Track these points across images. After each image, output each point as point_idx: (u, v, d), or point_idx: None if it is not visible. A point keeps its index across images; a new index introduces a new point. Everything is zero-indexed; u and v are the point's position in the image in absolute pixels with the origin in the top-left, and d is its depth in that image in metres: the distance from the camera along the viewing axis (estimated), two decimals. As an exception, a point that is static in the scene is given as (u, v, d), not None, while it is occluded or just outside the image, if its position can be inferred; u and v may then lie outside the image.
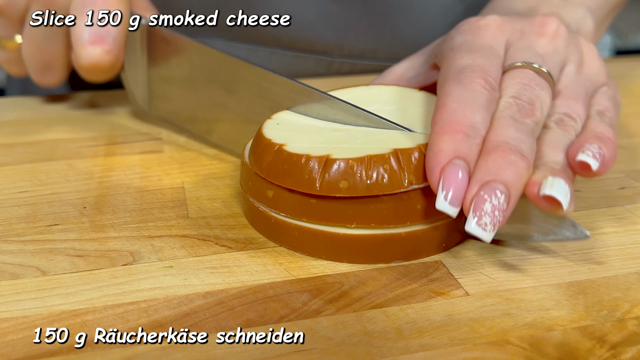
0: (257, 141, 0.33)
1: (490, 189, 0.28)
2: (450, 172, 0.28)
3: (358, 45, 0.57)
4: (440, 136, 0.29)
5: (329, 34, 0.56)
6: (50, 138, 0.45)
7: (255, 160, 0.32)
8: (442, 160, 0.29)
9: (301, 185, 0.30)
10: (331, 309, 0.28)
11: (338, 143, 0.32)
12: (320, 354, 0.25)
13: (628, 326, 0.27)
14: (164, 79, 0.43)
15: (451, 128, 0.29)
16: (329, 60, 0.58)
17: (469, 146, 0.29)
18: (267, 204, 0.32)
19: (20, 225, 0.34)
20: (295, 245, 0.32)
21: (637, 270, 0.31)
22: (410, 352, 0.26)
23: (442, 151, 0.29)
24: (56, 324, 0.27)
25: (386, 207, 0.30)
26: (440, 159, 0.29)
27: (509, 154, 0.29)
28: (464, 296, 0.29)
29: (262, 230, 0.33)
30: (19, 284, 0.30)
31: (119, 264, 0.31)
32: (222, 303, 0.28)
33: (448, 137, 0.29)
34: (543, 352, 0.26)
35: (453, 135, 0.29)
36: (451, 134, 0.29)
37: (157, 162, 0.41)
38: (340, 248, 0.31)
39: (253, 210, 0.33)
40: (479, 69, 0.32)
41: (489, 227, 0.28)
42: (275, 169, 0.31)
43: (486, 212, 0.28)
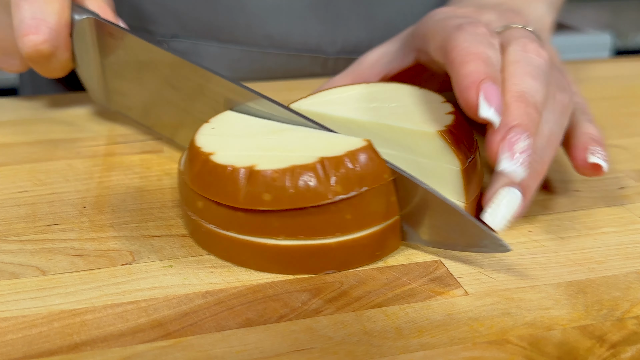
0: (189, 148, 0.32)
1: (518, 132, 0.30)
2: (489, 86, 0.30)
3: (350, 39, 0.56)
4: (466, 63, 0.31)
5: (320, 28, 0.55)
6: (50, 138, 0.45)
7: (186, 169, 0.32)
8: (476, 78, 0.30)
9: (225, 198, 0.29)
10: (331, 309, 0.28)
11: (267, 150, 0.31)
12: (319, 353, 0.25)
13: (628, 325, 0.27)
14: (117, 74, 0.43)
15: (472, 57, 0.31)
16: (323, 57, 0.57)
17: (494, 71, 0.31)
18: (198, 214, 0.31)
19: (20, 224, 0.34)
20: (226, 255, 0.31)
21: (636, 269, 0.31)
22: (410, 351, 0.26)
23: (474, 72, 0.31)
24: (56, 324, 0.27)
25: (313, 218, 0.29)
26: (474, 77, 0.30)
27: (529, 102, 0.31)
28: (463, 295, 0.29)
29: (196, 239, 0.32)
30: (18, 283, 0.30)
31: (118, 263, 0.31)
32: (222, 302, 0.28)
33: (474, 63, 0.31)
34: (543, 351, 0.26)
35: (477, 61, 0.31)
36: (475, 61, 0.31)
37: (157, 162, 0.41)
38: (270, 259, 0.30)
39: (187, 219, 0.33)
40: (477, 21, 0.34)
41: (524, 167, 0.30)
42: (202, 179, 0.30)
43: (521, 150, 0.30)
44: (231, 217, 0.30)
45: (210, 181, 0.30)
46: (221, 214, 0.30)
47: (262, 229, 0.30)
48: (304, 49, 0.57)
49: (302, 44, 0.56)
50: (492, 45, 0.33)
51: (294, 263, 0.30)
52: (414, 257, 0.31)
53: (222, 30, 0.55)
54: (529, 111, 0.31)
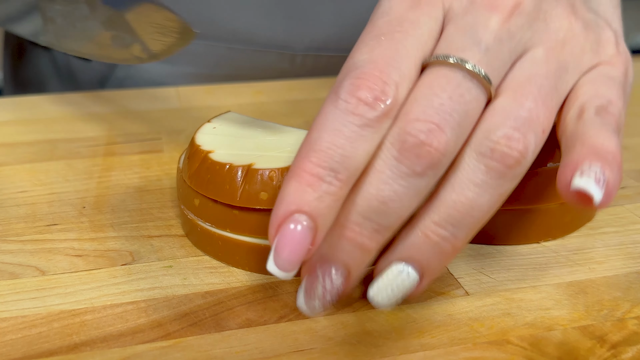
0: (189, 146, 0.32)
1: (327, 269, 0.24)
2: (285, 231, 0.23)
3: (319, 35, 0.55)
4: (288, 179, 0.24)
5: (287, 23, 0.54)
6: (50, 138, 0.45)
7: (185, 167, 0.32)
8: (281, 213, 0.24)
9: (222, 196, 0.29)
10: (331, 309, 0.28)
11: (267, 150, 0.31)
12: (320, 354, 0.25)
13: (628, 326, 0.27)
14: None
15: (303, 168, 0.24)
16: (291, 54, 0.56)
17: (318, 196, 0.23)
18: (194, 212, 0.31)
19: (19, 225, 0.34)
20: (220, 255, 0.31)
21: (637, 269, 0.31)
22: (410, 351, 0.25)
23: (285, 201, 0.24)
24: (55, 324, 0.27)
25: None
26: (280, 211, 0.24)
27: (356, 235, 0.24)
28: (464, 296, 0.29)
29: (192, 239, 0.32)
30: (18, 283, 0.29)
31: (118, 263, 0.31)
32: (222, 303, 0.28)
33: (296, 182, 0.24)
34: (543, 351, 0.25)
35: (304, 179, 0.23)
36: (302, 177, 0.24)
37: (157, 162, 0.41)
38: (265, 260, 0.30)
39: (183, 218, 0.33)
40: (369, 74, 0.24)
41: (317, 309, 0.25)
42: (199, 177, 0.31)
43: (317, 295, 0.25)
44: (227, 215, 0.30)
45: (208, 178, 0.30)
46: (217, 212, 0.30)
47: (258, 229, 0.30)
48: (271, 44, 0.55)
49: (268, 40, 0.55)
50: (358, 134, 0.24)
51: None
52: (414, 257, 0.31)
53: None
54: (354, 243, 0.24)
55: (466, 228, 0.25)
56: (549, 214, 0.32)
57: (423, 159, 0.24)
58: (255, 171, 0.29)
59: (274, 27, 0.55)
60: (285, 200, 0.24)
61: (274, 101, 0.52)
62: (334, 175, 0.24)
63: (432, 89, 0.24)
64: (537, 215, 0.32)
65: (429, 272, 0.25)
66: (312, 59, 0.57)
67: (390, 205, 0.24)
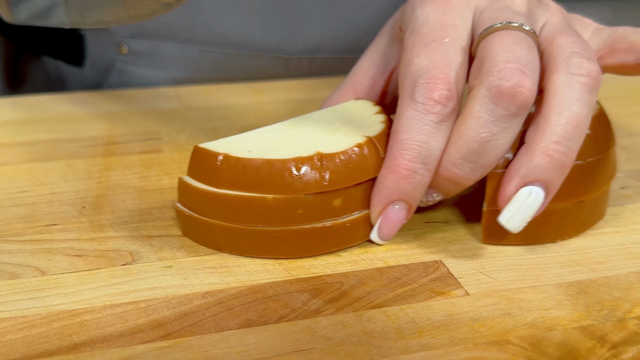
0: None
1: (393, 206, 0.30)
2: (389, 213, 0.30)
3: (312, 38, 0.55)
4: (387, 173, 0.30)
5: (280, 27, 0.55)
6: (50, 138, 0.45)
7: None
8: (383, 199, 0.30)
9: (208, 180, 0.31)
10: (331, 309, 0.28)
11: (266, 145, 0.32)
12: (319, 354, 0.25)
13: (629, 326, 0.27)
14: None
15: (399, 164, 0.29)
16: (285, 57, 0.56)
17: (414, 187, 0.30)
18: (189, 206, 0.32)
19: (19, 225, 0.34)
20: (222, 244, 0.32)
21: (637, 269, 0.31)
22: (410, 352, 0.25)
23: (386, 190, 0.30)
24: (55, 324, 0.27)
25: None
26: (382, 197, 0.30)
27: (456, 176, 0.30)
28: (464, 296, 0.29)
29: (190, 235, 0.33)
30: (17, 283, 0.29)
31: (118, 263, 0.31)
32: (222, 303, 0.28)
33: (393, 176, 0.30)
34: (543, 351, 0.25)
35: (400, 173, 0.29)
36: (398, 172, 0.29)
37: (157, 162, 0.41)
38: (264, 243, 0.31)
39: (181, 216, 0.33)
40: (436, 77, 0.29)
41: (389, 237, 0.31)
42: (193, 166, 0.32)
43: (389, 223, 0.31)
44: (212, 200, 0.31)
45: (200, 166, 0.31)
46: (205, 199, 0.31)
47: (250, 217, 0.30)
48: (265, 48, 0.56)
49: (262, 44, 0.55)
50: (438, 129, 0.29)
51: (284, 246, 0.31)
52: (414, 257, 0.31)
53: (180, 30, 0.55)
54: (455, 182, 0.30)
55: (578, 139, 0.29)
56: (565, 212, 0.32)
57: (517, 100, 0.28)
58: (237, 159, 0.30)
59: (267, 31, 0.55)
60: (387, 190, 0.30)
61: (274, 101, 0.52)
62: (425, 167, 0.29)
63: (507, 44, 0.29)
64: (554, 215, 0.32)
65: (553, 187, 0.29)
66: (307, 61, 0.57)
67: (488, 146, 0.28)
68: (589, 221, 0.34)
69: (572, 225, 0.33)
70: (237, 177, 0.30)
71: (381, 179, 0.30)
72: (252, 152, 0.31)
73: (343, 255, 0.31)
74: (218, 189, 0.31)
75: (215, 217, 0.31)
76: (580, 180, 0.32)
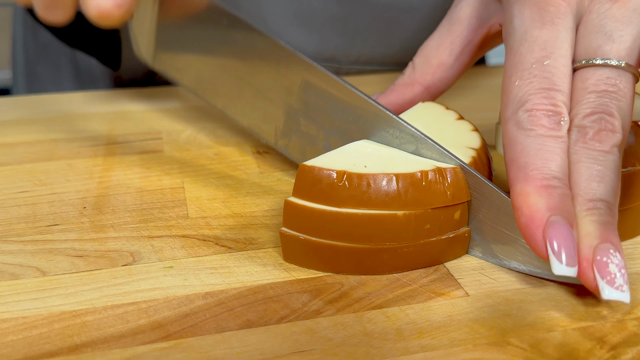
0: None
1: (603, 250, 0.27)
2: (554, 232, 0.26)
3: (365, 52, 0.57)
4: (525, 197, 0.27)
5: (337, 40, 0.56)
6: (50, 138, 0.45)
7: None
8: (539, 221, 0.27)
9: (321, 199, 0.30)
10: (331, 310, 0.28)
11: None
12: (320, 355, 0.25)
13: (628, 327, 0.27)
14: (173, 32, 0.40)
15: (532, 185, 0.27)
16: (336, 67, 0.57)
17: (559, 198, 0.27)
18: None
19: (20, 225, 0.34)
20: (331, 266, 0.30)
21: (637, 270, 0.31)
22: (410, 352, 0.25)
23: (536, 210, 0.27)
24: (56, 325, 0.27)
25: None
26: (537, 220, 0.27)
27: (599, 215, 0.27)
28: (464, 297, 0.29)
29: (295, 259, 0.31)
30: (18, 284, 0.30)
31: (118, 264, 0.31)
32: (222, 304, 0.28)
33: (534, 195, 0.27)
34: (543, 352, 0.26)
35: (538, 191, 0.27)
36: (535, 190, 0.27)
37: (157, 162, 0.41)
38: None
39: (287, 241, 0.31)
40: (542, 98, 0.28)
41: (625, 286, 0.26)
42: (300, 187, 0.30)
43: (613, 273, 0.26)
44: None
45: (315, 186, 0.30)
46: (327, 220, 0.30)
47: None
48: (319, 58, 0.57)
49: (317, 54, 0.56)
50: (556, 148, 0.28)
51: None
52: (414, 258, 0.31)
53: None
54: (603, 220, 0.27)
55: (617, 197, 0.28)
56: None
57: (605, 141, 0.28)
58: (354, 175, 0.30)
59: (324, 43, 0.56)
60: (534, 210, 0.27)
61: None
62: (559, 180, 0.27)
63: (589, 89, 0.29)
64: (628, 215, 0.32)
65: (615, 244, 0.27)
66: (356, 71, 0.58)
67: (603, 182, 0.28)
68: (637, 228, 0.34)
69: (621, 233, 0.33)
70: (363, 195, 0.29)
71: (522, 208, 0.27)
72: (369, 168, 0.30)
73: (343, 256, 0.31)
74: (341, 209, 0.29)
75: (339, 238, 0.29)
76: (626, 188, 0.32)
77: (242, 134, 0.45)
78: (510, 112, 0.29)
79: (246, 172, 0.40)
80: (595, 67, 0.29)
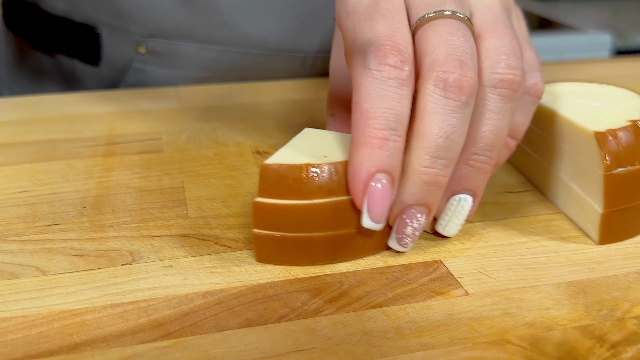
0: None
1: (412, 214, 0.30)
2: (373, 190, 0.28)
3: (328, 37, 0.56)
4: (358, 148, 0.28)
5: (298, 26, 0.55)
6: (50, 138, 0.45)
7: None
8: (362, 175, 0.28)
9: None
10: (331, 309, 0.28)
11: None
12: (319, 354, 0.25)
13: (628, 325, 0.27)
14: None
15: (368, 134, 0.28)
16: (302, 57, 0.57)
17: (389, 154, 0.28)
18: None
19: (19, 225, 0.34)
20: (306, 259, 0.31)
21: (637, 269, 0.31)
22: (410, 351, 0.25)
23: (362, 165, 0.28)
24: (56, 324, 0.27)
25: None
26: (361, 174, 0.28)
27: (433, 173, 0.29)
28: (463, 296, 0.29)
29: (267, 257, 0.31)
30: (18, 283, 0.30)
31: (118, 263, 0.31)
32: (222, 302, 0.28)
33: (365, 149, 0.28)
34: (543, 351, 0.26)
35: (372, 143, 0.28)
36: (369, 142, 0.28)
37: (157, 162, 0.41)
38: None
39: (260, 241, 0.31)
40: (385, 45, 0.29)
41: (409, 245, 0.31)
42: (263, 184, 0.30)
43: (407, 234, 0.30)
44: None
45: (281, 183, 0.30)
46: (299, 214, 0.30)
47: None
48: (282, 48, 0.56)
49: (280, 44, 0.56)
50: (399, 94, 0.28)
51: None
52: (414, 257, 0.31)
53: (198, 31, 0.55)
54: (433, 182, 0.29)
55: (497, 149, 0.30)
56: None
57: (465, 89, 0.28)
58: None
59: (285, 31, 0.55)
60: (364, 165, 0.28)
61: (274, 101, 0.52)
62: (395, 133, 0.28)
63: (443, 35, 0.29)
64: (628, 214, 0.32)
65: (479, 191, 0.31)
66: (322, 60, 0.57)
67: (452, 138, 0.28)
68: (637, 228, 0.34)
69: (621, 232, 0.33)
70: (331, 184, 0.29)
71: (354, 156, 0.28)
72: (329, 157, 0.30)
73: (343, 255, 0.32)
74: (311, 201, 0.29)
75: (314, 229, 0.30)
76: (627, 188, 0.32)
77: (242, 133, 0.45)
78: (355, 59, 0.29)
79: (246, 172, 0.40)
80: (444, 17, 0.30)
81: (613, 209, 0.32)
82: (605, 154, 0.31)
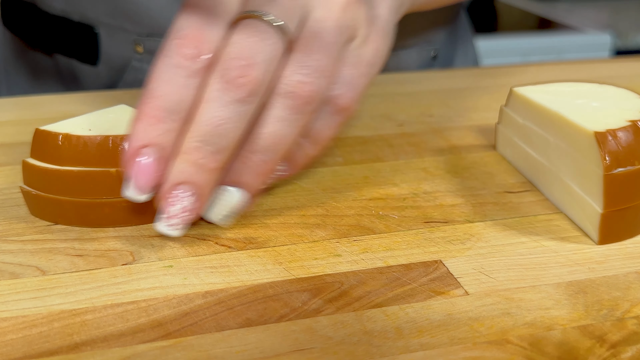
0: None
1: (177, 193, 0.30)
2: (138, 164, 0.30)
3: None
4: (135, 121, 0.30)
5: None
6: (50, 138, 0.45)
7: None
8: (132, 148, 0.30)
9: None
10: (331, 308, 0.28)
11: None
12: (319, 353, 0.25)
13: (628, 325, 0.27)
14: None
15: (145, 112, 0.30)
16: None
17: (160, 133, 0.30)
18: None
19: (20, 224, 0.34)
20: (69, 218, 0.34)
21: (636, 269, 0.31)
22: (410, 351, 0.26)
23: (134, 138, 0.30)
24: (56, 324, 0.27)
25: None
26: (131, 147, 0.30)
27: (200, 155, 0.30)
28: (463, 295, 0.29)
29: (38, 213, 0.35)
30: (18, 283, 0.30)
31: (118, 263, 0.31)
32: (222, 302, 0.28)
33: (140, 123, 0.30)
34: (543, 351, 0.26)
35: (146, 120, 0.30)
36: (144, 119, 0.30)
37: (157, 161, 0.41)
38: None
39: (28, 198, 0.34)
40: (189, 35, 0.30)
41: (179, 228, 0.31)
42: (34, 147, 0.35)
43: (175, 214, 0.30)
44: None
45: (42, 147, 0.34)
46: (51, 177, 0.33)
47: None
48: None
49: None
50: (185, 81, 0.30)
51: None
52: (414, 257, 0.31)
53: None
54: (200, 164, 0.30)
55: (276, 153, 0.31)
56: None
57: (244, 87, 0.29)
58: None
59: None
60: (134, 138, 0.30)
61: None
62: (171, 117, 0.30)
63: (242, 36, 0.30)
64: (628, 214, 0.33)
65: (251, 189, 0.32)
66: None
67: (223, 128, 0.29)
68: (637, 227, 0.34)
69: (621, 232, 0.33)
70: (80, 154, 0.33)
71: (130, 128, 0.30)
72: (93, 131, 0.33)
73: (343, 255, 0.32)
74: (62, 167, 0.33)
75: (63, 193, 0.33)
76: (627, 188, 0.32)
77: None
78: (168, 37, 0.31)
79: (246, 172, 0.40)
80: (253, 17, 0.30)
81: (613, 209, 0.32)
82: (605, 154, 0.31)
